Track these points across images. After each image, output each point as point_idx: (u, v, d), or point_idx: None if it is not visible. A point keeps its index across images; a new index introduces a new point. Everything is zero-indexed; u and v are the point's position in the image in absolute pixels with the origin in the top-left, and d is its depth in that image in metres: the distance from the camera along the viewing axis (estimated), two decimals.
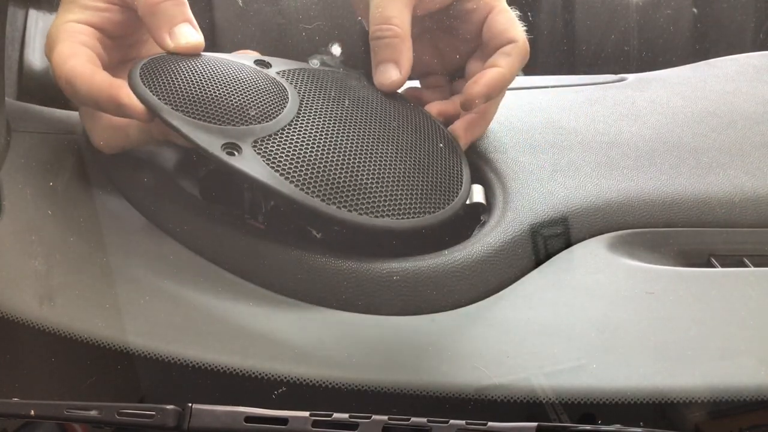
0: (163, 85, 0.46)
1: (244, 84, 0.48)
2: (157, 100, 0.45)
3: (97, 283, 0.46)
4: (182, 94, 0.46)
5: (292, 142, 0.46)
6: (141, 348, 0.42)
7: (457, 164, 0.51)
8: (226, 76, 0.48)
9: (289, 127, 0.47)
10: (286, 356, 0.42)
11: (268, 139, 0.46)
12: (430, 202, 0.47)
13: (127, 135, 0.49)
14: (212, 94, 0.46)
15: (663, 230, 0.50)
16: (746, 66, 0.71)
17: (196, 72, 0.47)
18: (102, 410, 0.40)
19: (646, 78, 0.69)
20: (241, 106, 0.46)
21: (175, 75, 0.47)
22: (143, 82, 0.46)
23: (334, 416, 0.39)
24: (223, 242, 0.47)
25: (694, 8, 0.92)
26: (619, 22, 0.91)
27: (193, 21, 0.49)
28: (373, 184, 0.46)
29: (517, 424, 0.38)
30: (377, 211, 0.45)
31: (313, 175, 0.45)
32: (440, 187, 0.48)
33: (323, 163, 0.45)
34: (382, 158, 0.47)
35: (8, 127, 0.53)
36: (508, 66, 0.52)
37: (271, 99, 0.48)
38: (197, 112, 0.45)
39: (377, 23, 0.51)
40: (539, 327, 0.43)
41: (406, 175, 0.47)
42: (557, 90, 0.66)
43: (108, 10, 0.50)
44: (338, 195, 0.45)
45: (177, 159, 0.53)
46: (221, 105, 0.46)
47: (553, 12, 0.93)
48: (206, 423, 0.39)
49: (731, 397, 0.39)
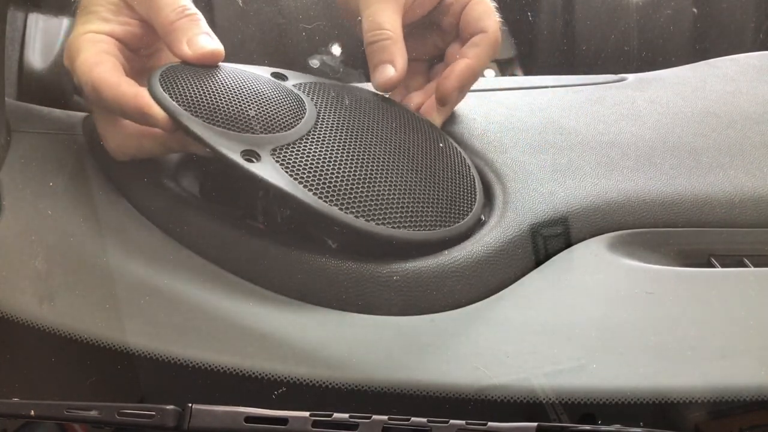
0: (182, 92, 0.46)
1: (263, 93, 0.48)
2: (177, 106, 0.46)
3: (97, 283, 0.46)
4: (201, 101, 0.46)
5: (311, 151, 0.46)
6: (141, 348, 0.42)
7: (470, 179, 0.51)
8: (245, 85, 0.48)
9: (307, 136, 0.47)
10: (286, 356, 0.42)
11: (287, 147, 0.46)
12: (446, 214, 0.48)
13: (142, 144, 0.49)
14: (231, 102, 0.47)
15: (663, 230, 0.50)
16: (746, 66, 0.71)
17: (214, 80, 0.48)
18: (102, 410, 0.40)
19: (646, 78, 0.69)
20: (260, 115, 0.47)
21: (193, 82, 0.47)
22: (163, 88, 0.47)
23: (334, 416, 0.39)
24: (224, 242, 0.47)
25: (694, 8, 0.92)
26: (619, 22, 0.91)
27: (211, 33, 0.50)
28: (391, 195, 0.46)
29: (517, 424, 0.38)
30: (395, 222, 0.46)
31: (331, 183, 0.45)
32: (455, 200, 0.49)
33: (342, 172, 0.46)
34: (400, 170, 0.48)
35: (8, 127, 0.53)
36: (476, 57, 0.55)
37: (289, 109, 0.48)
38: (216, 119, 0.46)
39: (370, 30, 0.53)
40: (539, 327, 0.43)
41: (423, 187, 0.48)
42: (557, 90, 0.66)
43: (128, 24, 0.50)
44: (356, 204, 0.45)
45: (177, 159, 0.53)
46: (240, 112, 0.46)
47: (553, 12, 0.93)
48: (206, 423, 0.39)
49: (731, 397, 0.39)
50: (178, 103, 0.46)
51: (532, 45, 0.54)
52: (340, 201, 0.45)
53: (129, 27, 0.50)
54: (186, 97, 0.46)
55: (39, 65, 0.63)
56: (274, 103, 0.48)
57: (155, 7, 0.49)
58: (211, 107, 0.46)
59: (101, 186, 0.51)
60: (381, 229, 0.45)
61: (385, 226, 0.45)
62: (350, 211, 0.45)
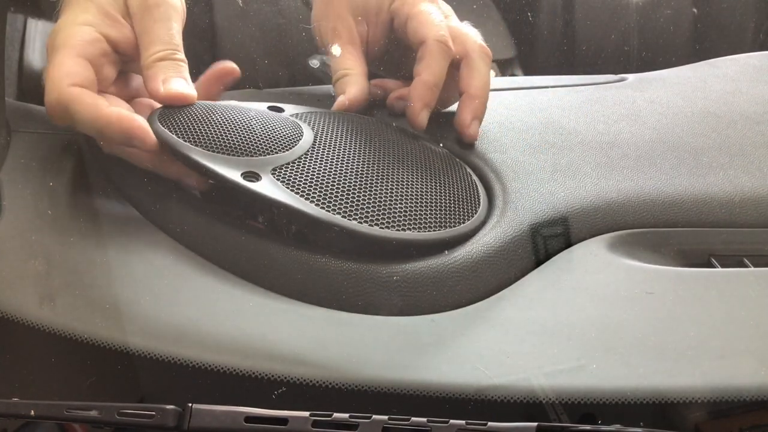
0: (180, 127, 0.47)
1: (260, 121, 0.49)
2: (175, 138, 0.47)
3: (97, 283, 0.46)
4: (200, 133, 0.47)
5: (310, 167, 0.47)
6: (141, 348, 0.42)
7: (471, 183, 0.52)
8: (242, 115, 0.49)
9: (306, 155, 0.48)
10: (286, 356, 0.42)
11: (287, 166, 0.47)
12: (450, 216, 0.48)
13: (128, 155, 0.50)
14: (230, 130, 0.48)
15: (663, 230, 0.50)
16: (746, 66, 0.71)
17: (211, 113, 0.49)
18: (102, 410, 0.40)
19: (646, 78, 0.69)
20: (258, 139, 0.48)
21: (192, 117, 0.48)
22: (162, 125, 0.47)
23: (334, 416, 0.39)
24: (224, 242, 0.47)
25: (694, 8, 0.92)
26: (619, 22, 0.91)
27: (188, 79, 0.50)
28: (392, 201, 0.47)
29: (517, 424, 0.38)
30: (398, 225, 0.46)
31: (331, 193, 0.46)
32: (458, 203, 0.49)
33: (341, 183, 0.47)
34: (398, 178, 0.49)
35: (8, 127, 0.53)
36: (425, 70, 0.55)
37: (287, 133, 0.49)
38: (216, 147, 0.47)
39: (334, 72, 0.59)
40: (539, 327, 0.43)
41: (424, 193, 0.49)
42: (557, 90, 0.66)
43: (125, 27, 0.50)
44: (358, 210, 0.46)
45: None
46: (238, 139, 0.47)
47: (553, 12, 0.93)
48: (206, 423, 0.39)
49: (731, 397, 0.39)
50: (177, 136, 0.47)
51: (532, 45, 0.54)
52: (342, 209, 0.45)
53: (125, 30, 0.50)
54: (184, 131, 0.47)
55: (39, 65, 0.63)
56: (272, 129, 0.49)
57: (149, 38, 0.49)
58: (209, 136, 0.47)
59: (101, 186, 0.51)
60: (385, 233, 0.45)
61: (389, 229, 0.46)
62: (353, 217, 0.45)
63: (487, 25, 0.90)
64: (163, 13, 0.50)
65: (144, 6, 0.50)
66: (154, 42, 0.49)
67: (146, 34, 0.50)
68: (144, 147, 0.47)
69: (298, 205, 0.45)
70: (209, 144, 0.47)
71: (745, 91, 0.65)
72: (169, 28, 0.50)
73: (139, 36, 0.50)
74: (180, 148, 0.46)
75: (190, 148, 0.46)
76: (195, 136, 0.47)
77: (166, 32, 0.50)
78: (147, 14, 0.50)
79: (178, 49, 0.50)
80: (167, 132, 0.47)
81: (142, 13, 0.50)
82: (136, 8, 0.50)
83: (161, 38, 0.49)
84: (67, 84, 0.47)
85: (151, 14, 0.50)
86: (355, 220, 0.45)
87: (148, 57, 0.49)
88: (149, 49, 0.49)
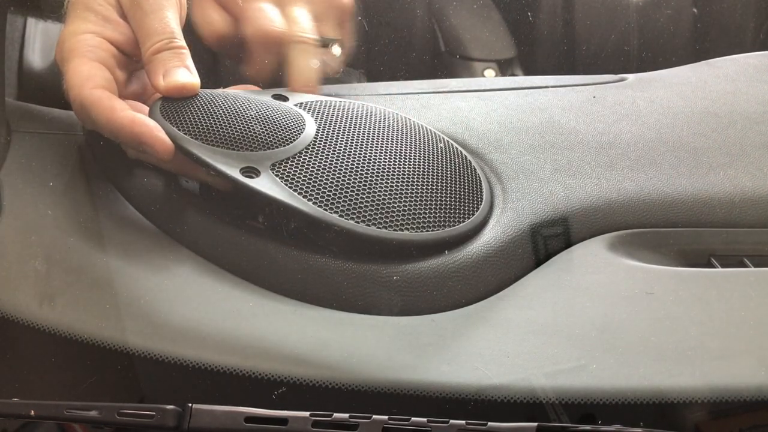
0: (181, 117, 0.47)
1: (261, 113, 0.49)
2: (176, 130, 0.47)
3: (97, 283, 0.46)
4: (200, 125, 0.47)
5: (309, 164, 0.47)
6: (141, 348, 0.42)
7: (475, 180, 0.51)
8: (243, 107, 0.49)
9: (306, 150, 0.48)
10: (286, 356, 0.42)
11: (286, 162, 0.47)
12: (449, 216, 0.48)
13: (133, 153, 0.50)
14: (229, 123, 0.48)
15: (663, 230, 0.50)
16: (746, 66, 0.71)
17: (212, 104, 0.48)
18: (102, 410, 0.40)
19: (646, 78, 0.69)
20: (258, 133, 0.47)
21: (192, 108, 0.48)
22: (163, 116, 0.47)
23: (334, 416, 0.39)
24: (224, 242, 0.47)
25: (694, 8, 0.92)
26: (619, 22, 0.91)
27: (191, 66, 0.49)
28: (391, 200, 0.47)
29: (517, 424, 0.38)
30: (395, 225, 0.46)
31: (330, 192, 0.46)
32: (459, 202, 0.49)
33: (340, 181, 0.46)
34: (399, 176, 0.48)
35: (8, 127, 0.53)
36: (293, 60, 0.55)
37: (288, 126, 0.49)
38: (215, 140, 0.47)
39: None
40: (539, 327, 0.43)
41: (424, 191, 0.48)
42: (557, 90, 0.66)
43: (125, 28, 0.50)
44: (356, 210, 0.45)
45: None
46: (239, 132, 0.47)
47: (553, 12, 0.93)
48: (206, 423, 0.39)
49: (731, 397, 0.39)
50: (177, 128, 0.47)
51: (532, 45, 0.54)
52: (340, 208, 0.45)
53: (128, 31, 0.50)
54: (185, 122, 0.47)
55: (39, 65, 0.63)
56: (273, 122, 0.49)
57: (144, 32, 0.49)
58: (209, 129, 0.47)
59: (101, 186, 0.51)
60: (383, 233, 0.45)
61: (386, 229, 0.45)
62: (350, 217, 0.45)
63: (487, 25, 0.90)
64: (153, 4, 0.49)
65: (134, 1, 0.49)
66: (149, 35, 0.49)
67: (141, 28, 0.49)
68: (157, 155, 0.46)
69: (296, 204, 0.45)
70: (209, 137, 0.47)
71: (744, 91, 0.65)
72: (162, 18, 0.49)
73: (135, 32, 0.50)
74: (180, 142, 0.46)
75: (190, 142, 0.46)
76: (195, 129, 0.47)
77: (159, 22, 0.49)
78: (138, 9, 0.49)
79: (175, 36, 0.49)
80: (167, 124, 0.47)
81: (134, 8, 0.49)
82: (128, 5, 0.50)
83: (155, 29, 0.49)
84: (89, 87, 0.47)
85: (141, 8, 0.49)
86: (353, 220, 0.45)
87: (146, 51, 0.49)
88: (145, 43, 0.49)
